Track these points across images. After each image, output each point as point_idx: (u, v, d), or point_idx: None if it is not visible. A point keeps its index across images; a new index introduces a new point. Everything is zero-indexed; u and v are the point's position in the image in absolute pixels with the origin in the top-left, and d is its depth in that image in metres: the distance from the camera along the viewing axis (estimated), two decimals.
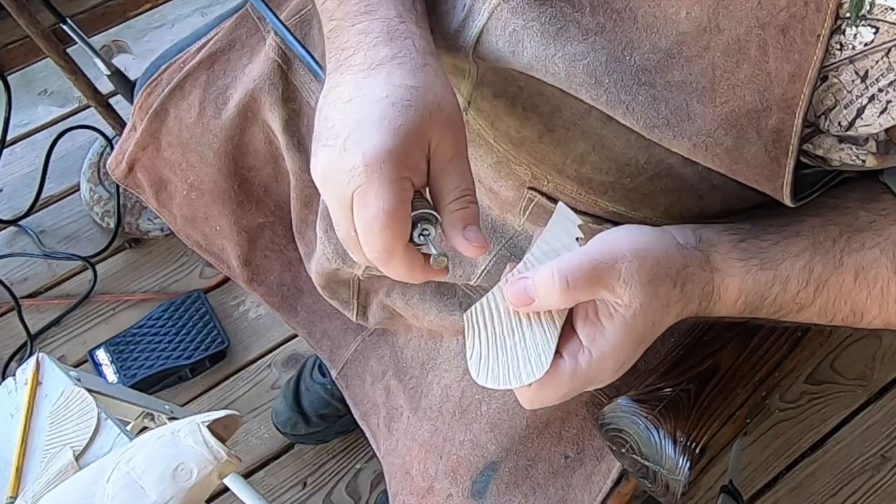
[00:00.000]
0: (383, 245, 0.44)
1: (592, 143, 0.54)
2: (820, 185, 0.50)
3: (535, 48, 0.48)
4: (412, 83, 0.46)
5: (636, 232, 0.47)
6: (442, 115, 0.46)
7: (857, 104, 0.42)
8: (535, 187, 0.60)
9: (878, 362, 1.37)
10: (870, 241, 0.47)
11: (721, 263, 0.48)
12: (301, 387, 1.27)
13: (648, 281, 0.44)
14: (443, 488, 0.71)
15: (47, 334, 1.44)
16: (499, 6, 0.49)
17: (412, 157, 0.45)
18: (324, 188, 0.47)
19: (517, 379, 0.46)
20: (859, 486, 1.27)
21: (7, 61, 1.25)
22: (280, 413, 1.26)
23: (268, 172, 0.84)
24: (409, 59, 0.47)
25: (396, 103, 0.45)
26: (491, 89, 0.56)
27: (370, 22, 0.49)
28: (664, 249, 0.46)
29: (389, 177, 0.44)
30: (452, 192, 0.46)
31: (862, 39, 0.40)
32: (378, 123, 0.44)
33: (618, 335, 0.45)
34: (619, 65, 0.46)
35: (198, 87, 0.80)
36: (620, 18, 0.45)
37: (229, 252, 0.88)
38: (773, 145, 0.44)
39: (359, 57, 0.48)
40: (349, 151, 0.44)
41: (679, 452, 0.57)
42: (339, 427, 1.27)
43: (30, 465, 0.72)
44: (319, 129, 0.48)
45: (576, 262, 0.45)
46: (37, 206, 1.54)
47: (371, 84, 0.46)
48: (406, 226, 0.45)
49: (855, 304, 0.48)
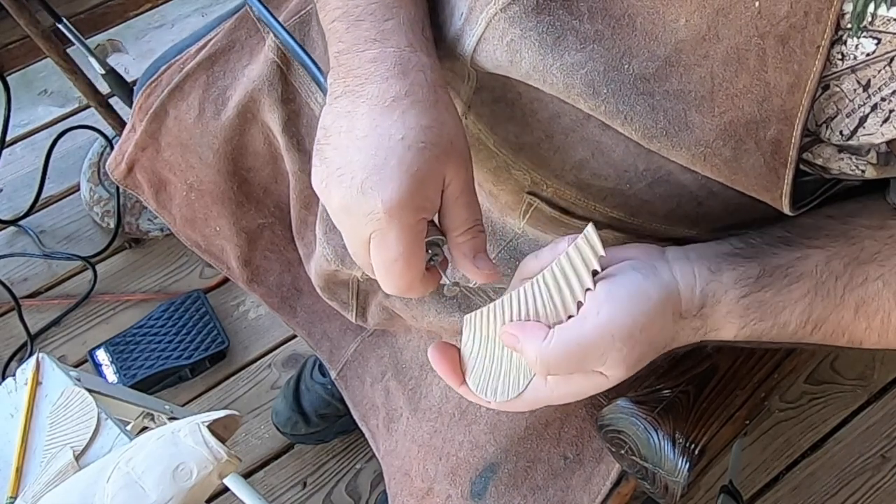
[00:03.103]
0: (403, 283, 0.48)
1: (591, 149, 0.54)
2: (819, 192, 0.50)
3: (532, 58, 0.48)
4: (426, 122, 0.47)
5: (640, 305, 0.46)
6: (455, 152, 0.48)
7: (860, 113, 0.41)
8: (534, 192, 0.60)
9: (878, 362, 1.37)
10: (873, 274, 0.47)
11: (720, 322, 0.48)
12: (301, 387, 1.27)
13: (634, 363, 0.46)
14: (442, 489, 0.71)
15: (47, 334, 1.44)
16: (496, 15, 0.49)
17: (428, 198, 0.47)
18: (339, 221, 0.49)
19: (493, 393, 0.49)
20: (859, 486, 1.27)
21: (7, 61, 1.25)
22: (280, 413, 1.26)
23: (267, 173, 0.84)
24: (422, 95, 0.48)
25: (412, 146, 0.46)
26: (490, 94, 0.56)
27: (382, 50, 0.49)
28: (661, 328, 0.47)
29: (408, 222, 0.46)
30: (463, 224, 0.49)
31: (864, 50, 0.39)
32: (397, 169, 0.45)
33: (583, 388, 0.48)
34: (617, 74, 0.45)
35: (197, 87, 0.80)
36: (619, 25, 0.45)
37: (229, 253, 0.88)
38: (772, 156, 0.44)
39: (371, 88, 0.48)
40: (368, 196, 0.46)
41: (678, 453, 0.57)
42: (340, 427, 1.27)
43: (30, 465, 0.72)
44: (326, 151, 0.49)
45: (562, 352, 0.45)
46: (37, 206, 1.54)
47: (386, 123, 0.47)
48: (423, 262, 0.48)
49: (853, 334, 0.49)
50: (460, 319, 0.69)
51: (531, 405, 0.50)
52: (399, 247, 0.46)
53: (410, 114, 0.47)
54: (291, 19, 0.77)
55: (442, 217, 0.49)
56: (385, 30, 0.50)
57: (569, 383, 0.48)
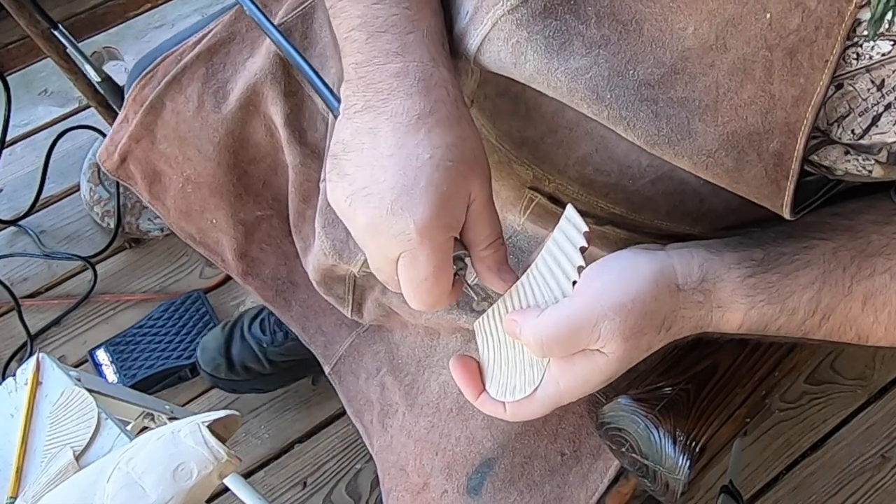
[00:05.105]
0: (432, 299, 0.48)
1: (595, 144, 0.54)
2: (823, 192, 0.50)
3: (537, 61, 0.48)
4: (451, 140, 0.47)
5: (629, 274, 0.47)
6: (478, 168, 0.48)
7: (873, 112, 0.41)
8: (536, 187, 0.60)
9: (878, 362, 1.37)
10: (880, 267, 0.47)
11: (725, 300, 0.48)
12: (235, 333, 1.27)
13: (631, 335, 0.45)
14: (438, 484, 0.71)
15: (47, 334, 1.44)
16: (503, 17, 0.49)
17: (456, 217, 0.47)
18: (363, 240, 0.49)
19: (511, 393, 0.50)
20: (859, 486, 1.27)
21: (7, 61, 1.25)
22: (207, 350, 1.27)
23: (267, 164, 0.83)
24: (446, 112, 0.48)
25: (440, 165, 0.46)
26: (494, 89, 0.56)
27: (405, 64, 0.48)
28: (655, 296, 0.46)
29: (439, 241, 0.46)
30: (487, 239, 0.49)
31: (879, 50, 0.39)
32: (426, 189, 0.46)
33: (586, 375, 0.48)
34: (621, 79, 0.45)
35: (196, 80, 0.80)
36: (626, 31, 0.45)
37: (224, 245, 0.87)
38: (774, 168, 0.44)
39: (395, 105, 0.48)
40: (399, 216, 0.46)
41: (679, 451, 0.57)
42: (258, 385, 1.29)
43: (30, 465, 0.72)
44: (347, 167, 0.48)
45: (553, 328, 0.46)
46: (37, 206, 1.54)
47: (412, 143, 0.47)
48: (451, 278, 0.49)
49: (861, 328, 0.48)
50: (458, 316, 0.69)
51: (543, 406, 0.49)
52: (430, 266, 0.46)
53: (436, 132, 0.47)
54: (292, 13, 0.77)
55: (465, 231, 0.49)
56: (407, 43, 0.49)
57: (572, 369, 0.47)
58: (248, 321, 1.28)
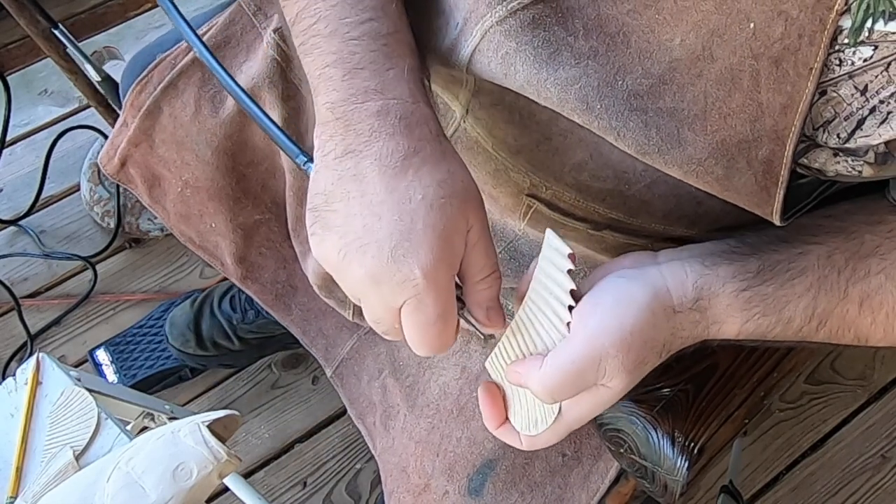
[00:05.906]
0: (441, 342, 0.46)
1: (590, 150, 0.54)
2: (816, 194, 0.50)
3: (527, 72, 0.47)
4: (440, 176, 0.45)
5: (625, 306, 0.46)
6: (470, 198, 0.47)
7: (858, 116, 0.41)
8: (533, 194, 0.60)
9: (878, 362, 1.37)
10: (875, 267, 0.47)
11: (721, 315, 0.48)
12: (205, 310, 1.28)
13: (634, 367, 0.46)
14: (439, 486, 0.71)
15: (47, 334, 1.44)
16: (492, 28, 0.48)
17: (457, 254, 0.46)
18: (362, 292, 0.46)
19: (534, 426, 0.50)
20: (859, 486, 1.27)
21: (7, 61, 1.25)
22: (177, 325, 1.27)
23: (266, 168, 0.83)
24: (430, 149, 0.46)
25: (434, 204, 0.44)
26: (489, 98, 0.56)
27: (385, 102, 0.46)
28: (653, 325, 0.46)
29: (444, 283, 0.45)
30: (482, 271, 0.47)
31: (861, 56, 0.39)
32: (425, 231, 0.44)
33: (593, 408, 0.48)
34: (610, 90, 0.45)
35: (192, 84, 0.79)
36: (614, 43, 0.45)
37: (223, 249, 0.87)
38: (763, 176, 0.44)
39: (378, 147, 0.45)
40: (401, 263, 0.44)
41: (677, 452, 0.57)
42: (228, 361, 1.29)
43: (30, 465, 0.72)
44: (332, 219, 0.46)
45: (559, 376, 0.45)
46: (37, 206, 1.54)
47: (402, 186, 0.45)
48: (456, 318, 0.47)
49: (859, 329, 0.48)
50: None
51: (558, 434, 0.50)
52: (437, 308, 0.45)
53: (424, 171, 0.45)
54: None
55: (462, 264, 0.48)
56: (387, 80, 0.47)
57: (578, 405, 0.48)
58: (217, 297, 1.28)
